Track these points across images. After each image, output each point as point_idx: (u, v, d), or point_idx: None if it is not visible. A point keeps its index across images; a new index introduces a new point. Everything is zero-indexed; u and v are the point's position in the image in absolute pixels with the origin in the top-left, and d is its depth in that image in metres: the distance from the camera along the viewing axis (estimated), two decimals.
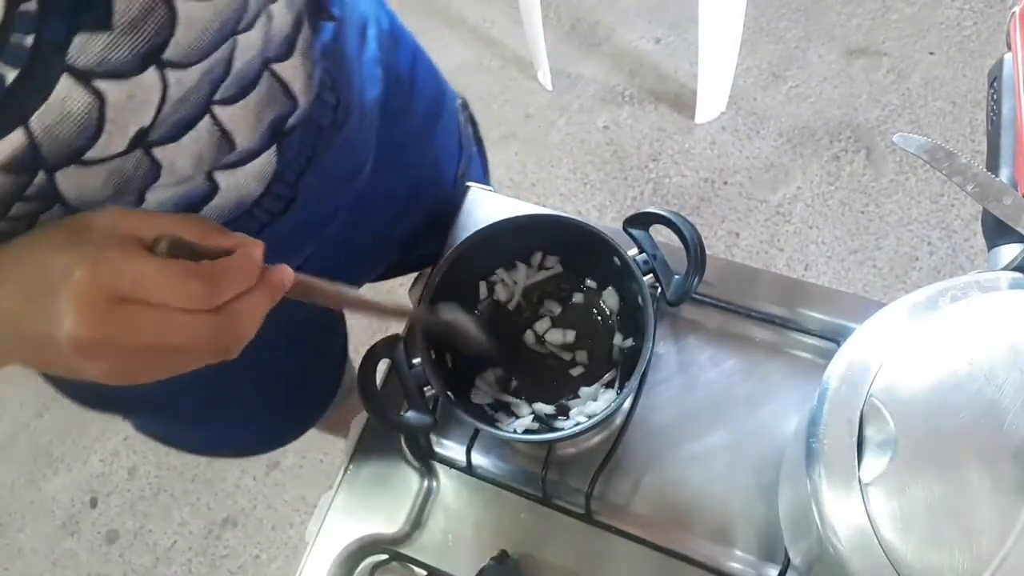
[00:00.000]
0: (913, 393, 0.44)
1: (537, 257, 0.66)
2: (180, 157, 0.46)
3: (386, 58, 0.65)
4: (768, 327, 0.67)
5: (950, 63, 1.75)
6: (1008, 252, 0.51)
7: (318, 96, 0.54)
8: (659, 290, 0.61)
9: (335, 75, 0.56)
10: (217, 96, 0.47)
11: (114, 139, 0.41)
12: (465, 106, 0.84)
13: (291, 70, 0.51)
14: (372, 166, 0.64)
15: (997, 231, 0.52)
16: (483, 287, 0.66)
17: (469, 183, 0.77)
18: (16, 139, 0.38)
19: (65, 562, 1.57)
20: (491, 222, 0.61)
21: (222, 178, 0.50)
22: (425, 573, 0.62)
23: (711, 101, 1.73)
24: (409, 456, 0.66)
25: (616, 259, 0.60)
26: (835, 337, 0.64)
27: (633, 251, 0.61)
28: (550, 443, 0.62)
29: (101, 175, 0.43)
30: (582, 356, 0.65)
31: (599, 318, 0.66)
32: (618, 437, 0.63)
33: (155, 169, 0.46)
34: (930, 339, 0.45)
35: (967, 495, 0.41)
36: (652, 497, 0.63)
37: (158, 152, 0.45)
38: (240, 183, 0.52)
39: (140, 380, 0.39)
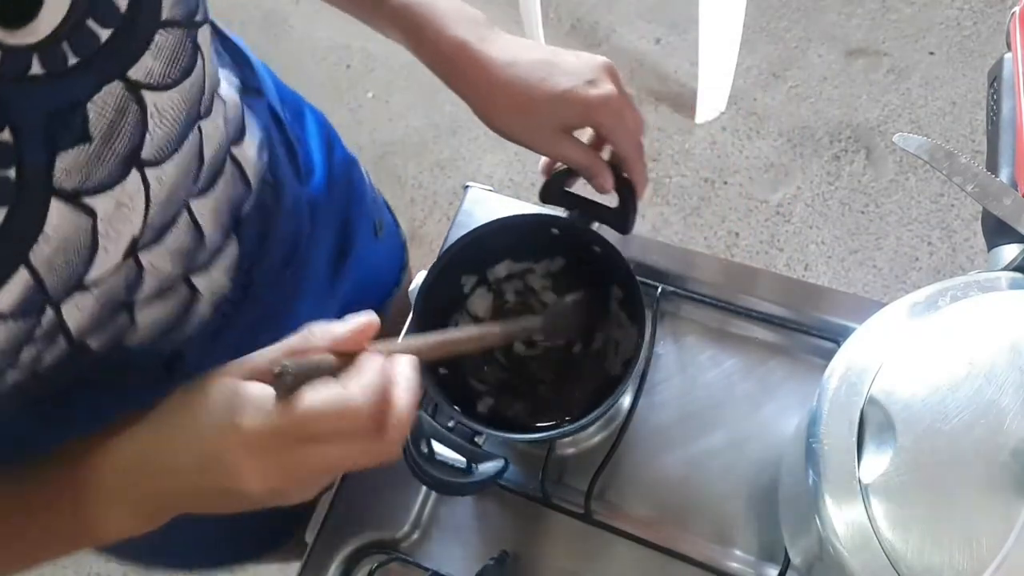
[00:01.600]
0: (913, 393, 0.44)
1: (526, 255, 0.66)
2: (160, 258, 0.47)
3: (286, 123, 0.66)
4: (768, 327, 0.67)
5: (950, 63, 1.75)
6: (1008, 252, 0.51)
7: (262, 178, 0.56)
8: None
9: (269, 153, 0.57)
10: (196, 188, 0.48)
11: (110, 254, 0.41)
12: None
13: (245, 152, 0.53)
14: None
15: (997, 231, 0.52)
16: (485, 287, 0.66)
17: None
18: (20, 280, 0.36)
19: (65, 562, 1.56)
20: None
21: (199, 281, 0.51)
22: (425, 573, 0.62)
23: (711, 101, 1.73)
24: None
25: (554, 229, 0.61)
26: (835, 337, 0.64)
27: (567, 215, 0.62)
28: (550, 441, 0.63)
29: (94, 294, 0.42)
30: (577, 346, 0.65)
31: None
32: (618, 437, 0.62)
33: (139, 273, 0.45)
34: (930, 339, 0.45)
35: (967, 495, 0.41)
36: (652, 497, 0.63)
37: (143, 256, 0.45)
38: (215, 282, 0.53)
39: (314, 492, 0.42)
